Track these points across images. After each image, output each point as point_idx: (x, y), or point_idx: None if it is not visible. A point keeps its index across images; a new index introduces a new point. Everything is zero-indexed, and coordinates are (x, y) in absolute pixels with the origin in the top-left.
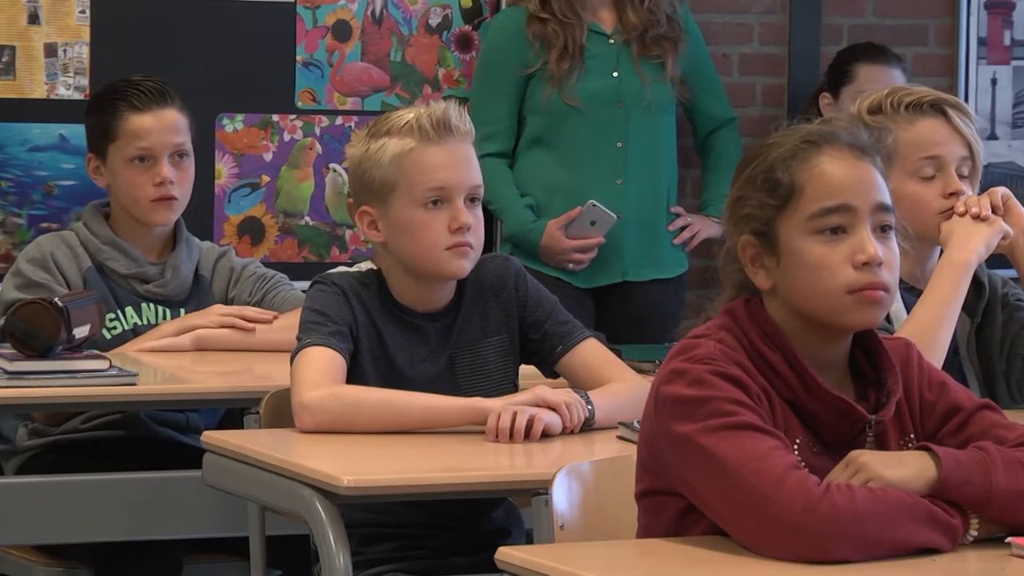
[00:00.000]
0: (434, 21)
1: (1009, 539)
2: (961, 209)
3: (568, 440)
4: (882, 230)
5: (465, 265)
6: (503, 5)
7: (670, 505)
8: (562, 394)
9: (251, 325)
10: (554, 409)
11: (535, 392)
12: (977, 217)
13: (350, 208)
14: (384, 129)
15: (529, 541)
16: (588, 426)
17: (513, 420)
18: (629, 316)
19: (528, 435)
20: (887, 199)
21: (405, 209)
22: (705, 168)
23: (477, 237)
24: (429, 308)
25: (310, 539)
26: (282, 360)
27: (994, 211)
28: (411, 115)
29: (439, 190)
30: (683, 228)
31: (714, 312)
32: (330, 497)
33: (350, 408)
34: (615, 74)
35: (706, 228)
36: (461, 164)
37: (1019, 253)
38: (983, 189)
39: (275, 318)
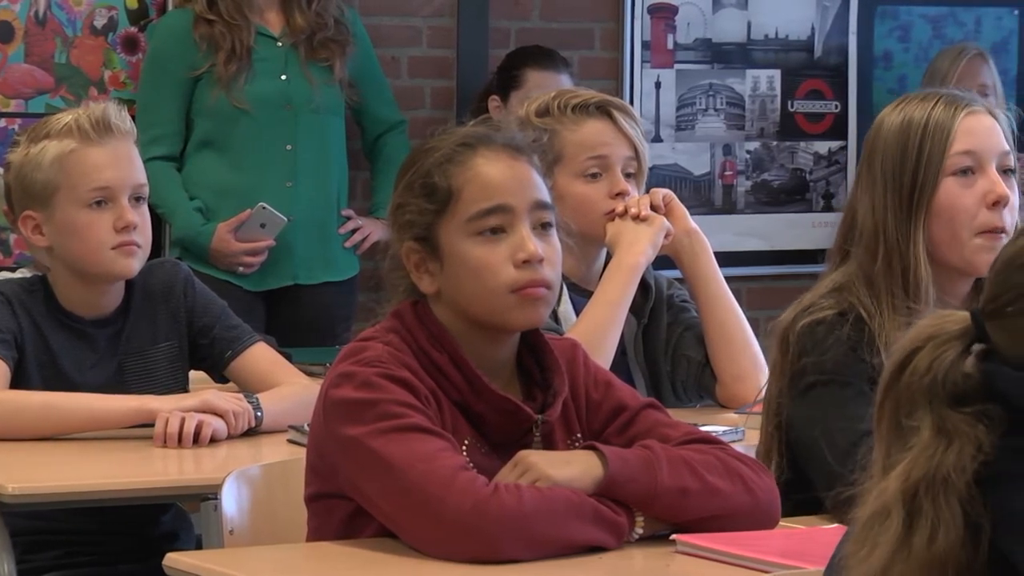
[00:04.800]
0: (99, 22)
1: (673, 536)
2: (621, 209)
3: (237, 444)
4: (542, 227)
5: (133, 264)
6: (170, 6)
7: (339, 508)
8: (231, 402)
9: None
10: (221, 416)
11: (204, 398)
12: (636, 217)
13: (7, 215)
14: (43, 132)
15: (199, 546)
16: (255, 430)
17: (182, 425)
18: (300, 319)
19: (196, 440)
20: (545, 196)
21: (69, 211)
22: (375, 171)
23: (144, 236)
24: (96, 314)
25: None
26: None
27: (655, 210)
28: (70, 117)
29: (103, 190)
30: (354, 231)
31: (384, 315)
32: None
33: (10, 413)
34: (283, 77)
35: (377, 231)
36: (124, 163)
37: (683, 253)
38: (648, 190)
39: None
